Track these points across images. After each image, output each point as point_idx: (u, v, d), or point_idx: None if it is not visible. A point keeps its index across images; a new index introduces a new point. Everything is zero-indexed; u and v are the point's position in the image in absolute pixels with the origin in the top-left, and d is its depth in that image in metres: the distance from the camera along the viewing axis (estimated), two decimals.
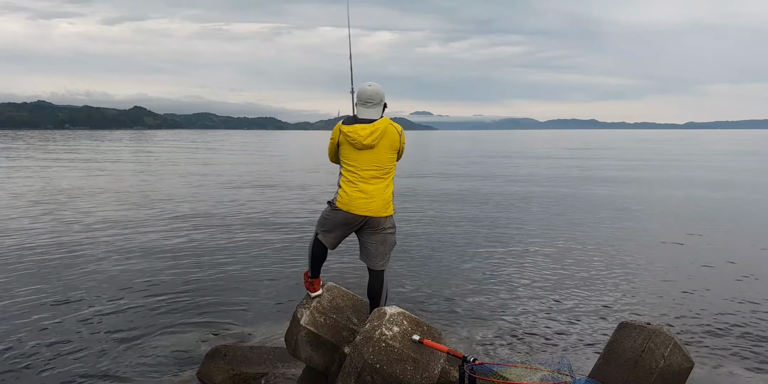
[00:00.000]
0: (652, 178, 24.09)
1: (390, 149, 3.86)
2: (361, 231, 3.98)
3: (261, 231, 11.23)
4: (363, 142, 3.77)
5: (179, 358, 5.20)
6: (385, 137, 3.82)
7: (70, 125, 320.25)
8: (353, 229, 3.98)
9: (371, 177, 3.84)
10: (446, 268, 8.45)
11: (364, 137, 3.76)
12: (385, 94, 3.91)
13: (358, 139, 3.76)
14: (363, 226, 3.94)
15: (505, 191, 18.77)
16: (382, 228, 3.93)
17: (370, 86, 3.85)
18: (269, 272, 8.14)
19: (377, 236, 3.95)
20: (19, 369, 4.91)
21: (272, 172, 27.07)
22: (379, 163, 3.85)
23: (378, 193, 3.85)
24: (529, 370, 3.39)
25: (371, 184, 3.84)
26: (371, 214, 3.84)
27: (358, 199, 3.82)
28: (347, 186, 3.85)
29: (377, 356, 3.50)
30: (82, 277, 7.71)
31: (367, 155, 3.82)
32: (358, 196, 3.82)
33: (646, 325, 3.68)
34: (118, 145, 63.63)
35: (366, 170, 3.83)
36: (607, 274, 8.13)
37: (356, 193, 3.82)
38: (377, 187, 3.86)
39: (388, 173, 3.90)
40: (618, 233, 11.27)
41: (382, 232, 3.94)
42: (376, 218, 3.88)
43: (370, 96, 3.83)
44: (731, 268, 8.48)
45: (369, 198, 3.83)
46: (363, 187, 3.82)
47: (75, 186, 19.26)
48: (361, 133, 3.76)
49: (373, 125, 3.79)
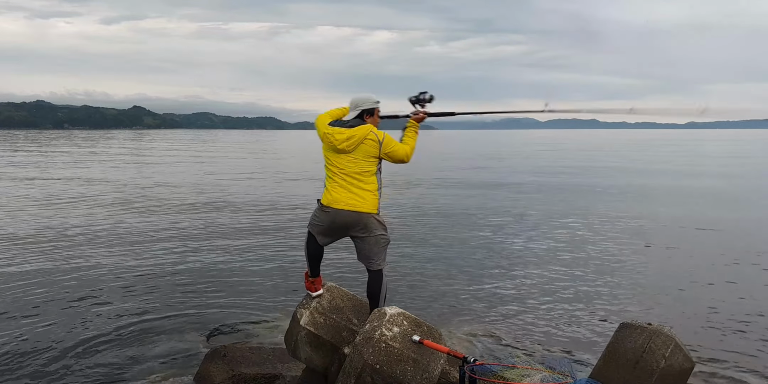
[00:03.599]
0: (650, 177, 24.10)
1: (367, 156, 3.92)
2: (353, 235, 4.00)
3: (261, 231, 11.22)
4: (338, 147, 3.88)
5: (179, 359, 5.19)
6: (364, 144, 3.88)
7: (70, 125, 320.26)
8: (342, 232, 4.01)
9: (350, 177, 3.91)
10: (446, 269, 8.44)
11: (339, 141, 3.87)
12: (368, 101, 4.00)
13: (335, 142, 3.88)
14: (353, 231, 3.96)
15: (505, 191, 18.77)
16: (371, 230, 3.95)
17: (360, 94, 4.02)
18: (269, 272, 8.13)
19: (370, 239, 3.97)
20: (18, 369, 4.90)
21: (273, 172, 27.06)
22: (358, 166, 3.92)
23: (358, 191, 3.91)
24: (530, 371, 3.38)
25: (350, 183, 3.91)
26: (352, 209, 3.87)
27: (339, 195, 3.88)
28: (329, 183, 3.96)
29: (377, 357, 3.49)
30: (81, 278, 7.70)
31: (345, 157, 3.91)
32: (339, 192, 3.89)
33: (647, 326, 3.66)
34: (116, 143, 63.63)
35: (345, 171, 3.91)
36: (607, 275, 8.12)
37: (337, 189, 3.90)
38: (358, 186, 3.91)
39: (368, 174, 3.95)
40: (618, 234, 11.26)
41: (372, 235, 3.97)
42: (361, 220, 3.90)
43: (352, 101, 4.02)
44: (732, 269, 8.48)
45: (349, 194, 3.88)
46: (342, 184, 3.90)
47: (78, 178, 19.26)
48: (337, 137, 3.87)
49: (352, 130, 3.87)
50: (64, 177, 22.62)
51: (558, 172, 27.13)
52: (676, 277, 7.99)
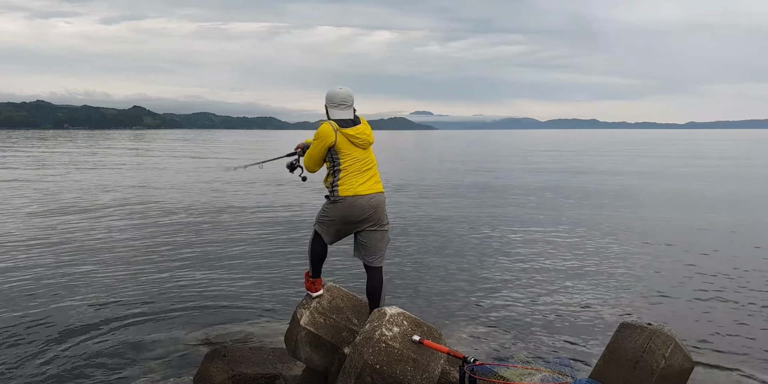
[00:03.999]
0: (651, 176, 24.10)
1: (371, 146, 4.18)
2: (361, 229, 4.00)
3: (261, 230, 11.22)
4: (370, 141, 4.00)
5: (179, 359, 5.18)
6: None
7: (70, 125, 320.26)
8: (353, 226, 4.01)
9: (371, 171, 4.03)
10: (446, 269, 8.44)
11: (369, 135, 4.01)
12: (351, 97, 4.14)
13: (367, 139, 3.98)
14: (364, 224, 3.96)
15: (504, 191, 18.76)
16: (381, 225, 4.02)
17: (342, 89, 3.99)
18: (269, 272, 8.13)
19: (377, 234, 4.02)
20: (16, 368, 4.90)
21: (273, 170, 27.06)
22: (372, 160, 4.08)
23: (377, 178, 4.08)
24: (530, 371, 3.38)
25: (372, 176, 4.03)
26: (376, 190, 3.97)
27: (363, 182, 3.94)
28: (352, 177, 3.94)
29: (377, 357, 3.49)
30: (80, 278, 7.70)
31: (365, 154, 4.01)
32: (364, 179, 3.96)
33: (647, 326, 3.66)
34: (116, 143, 63.65)
35: (367, 166, 4.00)
36: (607, 275, 8.11)
37: (362, 177, 3.95)
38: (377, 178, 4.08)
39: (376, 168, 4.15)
40: (618, 234, 11.26)
41: (381, 230, 4.03)
42: (383, 204, 4.03)
43: (343, 98, 3.96)
44: (732, 269, 8.47)
45: (372, 177, 4.01)
46: (367, 175, 3.99)
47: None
48: (367, 133, 3.99)
49: (365, 125, 4.03)
50: (65, 178, 22.61)
51: (556, 170, 27.15)
52: (676, 277, 7.99)
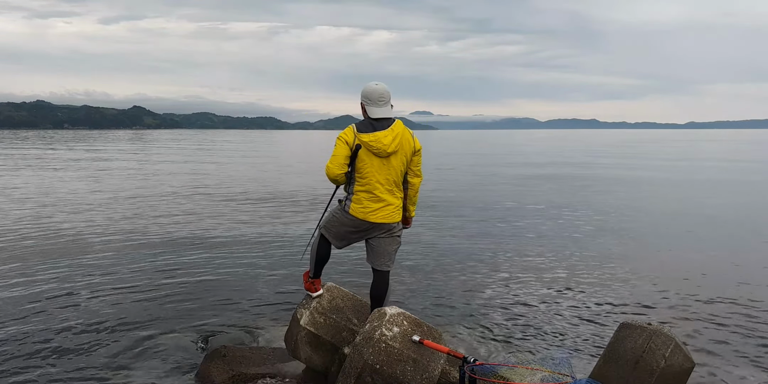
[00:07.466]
0: (655, 177, 24.10)
1: (403, 156, 3.72)
2: (372, 235, 3.95)
3: (261, 230, 11.22)
4: (387, 151, 3.61)
5: (179, 359, 5.18)
6: (403, 142, 3.68)
7: (70, 125, 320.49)
8: (363, 235, 3.96)
9: (389, 186, 3.75)
10: (446, 269, 8.43)
11: (387, 145, 3.60)
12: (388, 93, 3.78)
13: (383, 148, 3.60)
14: (374, 231, 3.92)
15: (503, 189, 18.77)
16: (392, 231, 3.95)
17: (378, 85, 3.69)
18: (269, 272, 8.12)
19: (388, 239, 3.95)
20: (16, 368, 4.89)
21: (273, 170, 27.07)
22: (396, 172, 3.73)
23: (394, 201, 3.81)
24: (530, 371, 3.38)
25: (388, 194, 3.76)
26: (387, 221, 3.81)
27: (376, 210, 3.75)
28: (364, 196, 3.73)
29: (377, 357, 3.49)
30: (80, 278, 7.69)
31: (385, 164, 3.67)
32: (377, 206, 3.73)
33: (647, 326, 3.67)
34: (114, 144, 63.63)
35: (384, 180, 3.71)
36: (607, 275, 8.11)
37: (375, 204, 3.73)
38: (395, 196, 3.82)
39: (400, 182, 3.83)
40: (618, 234, 11.26)
41: (393, 235, 3.96)
42: (389, 223, 3.87)
43: (381, 94, 3.67)
44: (733, 269, 8.47)
45: (387, 205, 3.76)
46: (381, 197, 3.73)
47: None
48: (384, 142, 3.59)
49: (392, 130, 3.63)
50: (66, 177, 22.60)
51: (549, 163, 27.16)
52: (676, 278, 7.98)
